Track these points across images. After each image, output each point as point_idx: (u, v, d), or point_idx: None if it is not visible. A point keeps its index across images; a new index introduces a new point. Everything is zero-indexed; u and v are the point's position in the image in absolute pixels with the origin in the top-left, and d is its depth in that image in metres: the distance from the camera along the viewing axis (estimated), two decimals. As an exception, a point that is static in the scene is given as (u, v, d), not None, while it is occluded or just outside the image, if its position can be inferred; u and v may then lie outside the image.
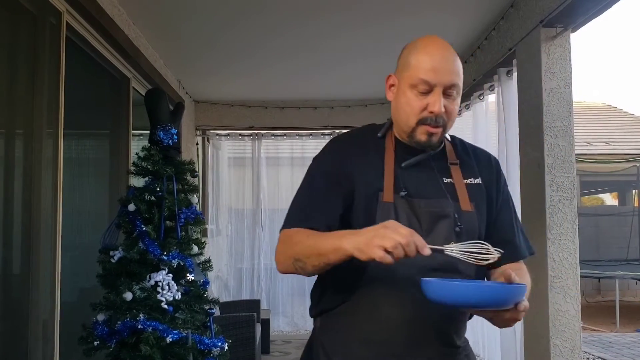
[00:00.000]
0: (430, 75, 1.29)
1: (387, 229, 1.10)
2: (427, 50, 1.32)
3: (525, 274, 1.39)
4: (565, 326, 2.94)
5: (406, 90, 1.33)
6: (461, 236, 1.29)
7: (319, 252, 1.21)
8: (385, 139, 1.41)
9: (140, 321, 2.36)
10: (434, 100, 1.29)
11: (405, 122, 1.34)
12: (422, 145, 1.34)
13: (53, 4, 2.63)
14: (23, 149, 2.50)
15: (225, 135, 6.56)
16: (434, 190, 1.34)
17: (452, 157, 1.41)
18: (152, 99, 2.79)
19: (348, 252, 1.13)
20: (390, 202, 1.29)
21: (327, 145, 1.45)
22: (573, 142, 3.02)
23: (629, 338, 7.10)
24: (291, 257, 1.28)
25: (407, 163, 1.35)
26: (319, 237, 1.23)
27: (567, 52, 3.04)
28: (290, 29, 3.97)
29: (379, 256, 1.07)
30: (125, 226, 2.57)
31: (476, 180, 1.39)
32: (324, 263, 1.21)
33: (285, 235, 1.33)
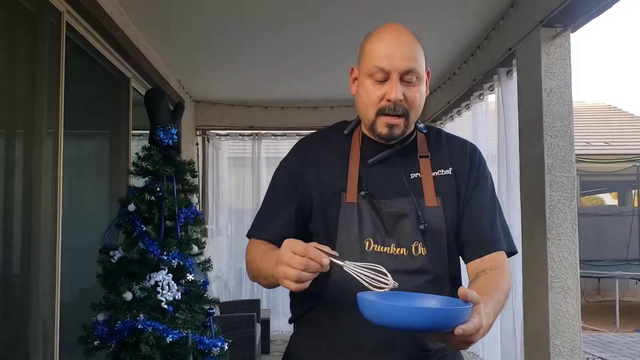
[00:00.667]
0: (384, 61, 1.23)
1: (280, 262, 1.06)
2: (381, 37, 1.27)
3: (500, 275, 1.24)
4: (565, 326, 2.94)
5: (364, 81, 1.28)
6: (426, 234, 1.24)
7: (264, 276, 1.22)
8: (353, 136, 1.36)
9: (140, 321, 2.36)
10: (390, 88, 1.24)
11: (365, 114, 1.30)
12: (384, 138, 1.29)
13: (53, 4, 2.63)
14: (23, 149, 2.50)
15: (225, 135, 6.56)
16: (397, 188, 1.28)
17: (422, 149, 1.34)
18: (152, 99, 2.79)
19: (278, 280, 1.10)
20: (353, 203, 1.26)
21: (292, 148, 1.42)
22: (573, 142, 3.02)
23: (628, 338, 7.10)
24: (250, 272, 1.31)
25: (372, 160, 1.31)
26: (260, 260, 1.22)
27: (567, 52, 3.04)
28: (290, 28, 3.97)
29: (295, 288, 1.05)
30: (125, 226, 2.57)
31: (446, 171, 1.32)
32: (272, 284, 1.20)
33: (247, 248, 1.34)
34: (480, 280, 1.24)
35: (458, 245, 1.31)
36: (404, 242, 1.24)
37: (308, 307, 1.30)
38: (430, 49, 5.23)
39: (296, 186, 1.32)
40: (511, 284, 1.28)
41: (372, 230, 1.24)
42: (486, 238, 1.30)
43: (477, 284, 1.23)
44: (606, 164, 10.81)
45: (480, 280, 1.23)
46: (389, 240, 1.24)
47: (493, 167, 4.28)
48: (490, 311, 1.08)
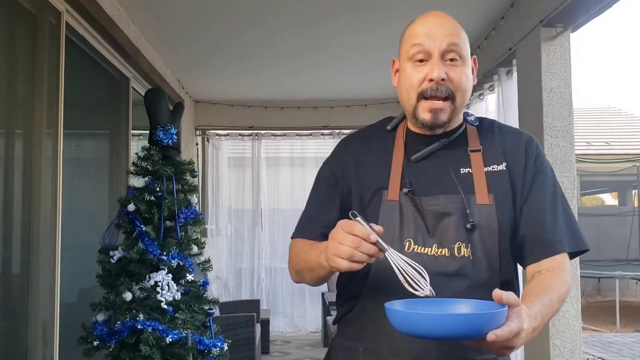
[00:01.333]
0: (424, 39, 1.18)
1: (333, 238, 1.01)
2: (421, 20, 1.23)
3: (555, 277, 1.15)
4: (565, 326, 2.94)
5: (405, 67, 1.21)
6: (474, 234, 1.15)
7: (309, 267, 1.16)
8: (397, 131, 1.29)
9: (140, 321, 2.36)
10: (432, 67, 1.17)
11: (407, 102, 1.22)
12: (428, 124, 1.20)
13: (52, 4, 2.63)
14: (23, 149, 2.50)
15: (225, 135, 6.56)
16: (442, 185, 1.20)
17: (473, 143, 1.25)
18: (151, 99, 2.79)
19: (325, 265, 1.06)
20: (394, 201, 1.19)
21: (336, 146, 1.38)
22: (573, 142, 3.02)
23: (629, 338, 7.10)
24: (294, 270, 1.26)
25: (417, 156, 1.23)
26: (307, 252, 1.18)
27: (567, 52, 3.04)
28: (290, 28, 3.96)
29: (345, 267, 1.00)
30: (125, 226, 2.57)
31: (499, 166, 1.22)
32: (316, 277, 1.17)
33: (290, 247, 1.31)
34: (533, 282, 1.16)
35: (515, 248, 1.21)
36: (446, 242, 1.16)
37: (348, 308, 1.26)
38: (430, 49, 5.14)
39: (337, 184, 1.28)
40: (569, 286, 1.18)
41: (413, 230, 1.17)
42: (546, 240, 1.19)
43: (529, 285, 1.15)
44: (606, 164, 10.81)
45: (533, 282, 1.16)
46: (430, 240, 1.17)
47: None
48: (536, 313, 1.00)
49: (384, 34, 3.98)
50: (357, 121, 6.17)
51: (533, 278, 1.17)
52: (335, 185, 1.28)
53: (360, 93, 5.92)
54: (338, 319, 1.31)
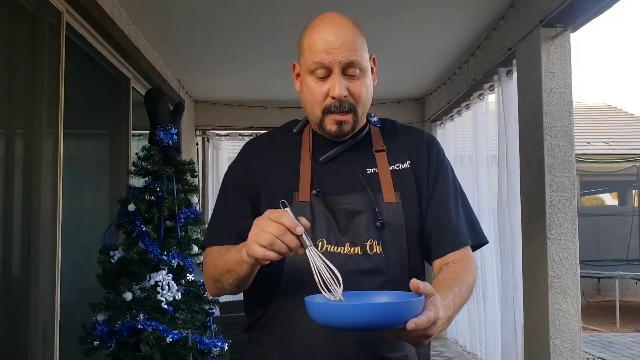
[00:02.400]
0: (322, 56, 1.17)
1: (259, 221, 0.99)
2: (319, 29, 1.21)
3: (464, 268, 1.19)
4: (565, 326, 2.94)
5: (306, 79, 1.22)
6: (384, 231, 1.18)
7: (227, 269, 1.12)
8: (303, 134, 1.29)
9: (140, 321, 2.36)
10: (333, 84, 1.18)
11: (312, 113, 1.23)
12: (333, 135, 1.23)
13: (53, 4, 2.63)
14: (23, 149, 2.50)
15: (225, 135, 6.56)
16: (352, 185, 1.21)
17: (377, 143, 1.28)
18: (151, 99, 2.79)
19: (247, 260, 1.03)
20: (306, 202, 1.19)
21: (241, 150, 1.35)
22: (573, 142, 3.02)
23: (629, 338, 7.10)
24: (211, 279, 1.21)
25: (324, 157, 1.24)
26: (225, 254, 1.14)
27: (567, 52, 3.04)
28: (291, 29, 3.96)
29: (259, 254, 0.97)
30: (125, 226, 2.57)
31: (403, 165, 1.25)
32: (235, 279, 1.12)
33: (205, 257, 1.26)
34: (442, 274, 1.19)
35: (421, 244, 1.25)
36: (359, 240, 1.17)
37: (259, 314, 1.23)
38: (431, 49, 5.23)
39: (246, 187, 1.26)
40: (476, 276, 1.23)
41: (325, 230, 1.18)
42: (452, 234, 1.23)
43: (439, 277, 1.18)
44: (606, 164, 10.81)
45: (442, 274, 1.19)
46: (343, 239, 1.18)
47: (493, 167, 4.30)
48: (449, 303, 1.03)
49: (384, 35, 3.99)
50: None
51: (441, 270, 1.21)
52: (244, 189, 1.26)
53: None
54: (248, 326, 1.28)
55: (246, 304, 1.29)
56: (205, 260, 1.25)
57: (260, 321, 1.23)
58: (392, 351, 1.19)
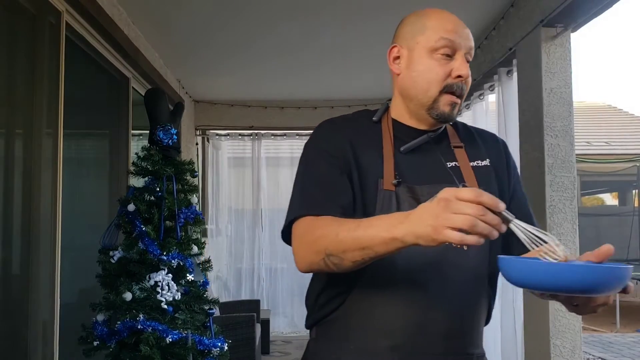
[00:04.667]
0: (453, 35, 1.18)
1: (449, 203, 0.89)
2: (441, 13, 1.22)
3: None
4: (565, 326, 2.94)
5: (423, 57, 1.19)
6: None
7: (361, 246, 1.01)
8: (382, 123, 1.28)
9: (140, 321, 2.36)
10: (460, 64, 1.18)
11: (426, 93, 1.19)
12: (444, 117, 1.20)
13: (52, 4, 2.63)
14: (23, 149, 2.50)
15: (225, 135, 6.56)
16: (439, 175, 1.20)
17: (454, 139, 1.27)
18: (151, 99, 2.79)
19: (406, 242, 0.95)
20: (391, 191, 1.16)
21: (320, 127, 1.28)
22: (573, 142, 3.02)
23: (629, 338, 7.10)
24: (320, 252, 1.06)
25: (406, 147, 1.22)
26: (357, 228, 1.02)
27: (567, 52, 3.04)
28: (290, 29, 3.96)
29: (457, 239, 0.88)
30: (125, 226, 2.57)
31: (483, 162, 1.25)
32: (368, 257, 1.02)
33: (303, 228, 1.13)
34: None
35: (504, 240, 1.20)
36: None
37: (336, 306, 1.19)
38: (431, 49, 5.12)
39: (339, 163, 1.19)
40: None
41: None
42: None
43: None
44: (606, 164, 10.82)
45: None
46: None
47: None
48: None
49: (384, 36, 3.98)
50: (357, 121, 6.18)
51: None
52: (339, 165, 1.19)
53: (360, 93, 5.92)
54: (316, 321, 1.24)
55: (315, 297, 1.24)
56: (306, 232, 1.12)
57: (335, 314, 1.19)
58: (474, 347, 1.19)
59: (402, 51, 1.24)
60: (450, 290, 1.14)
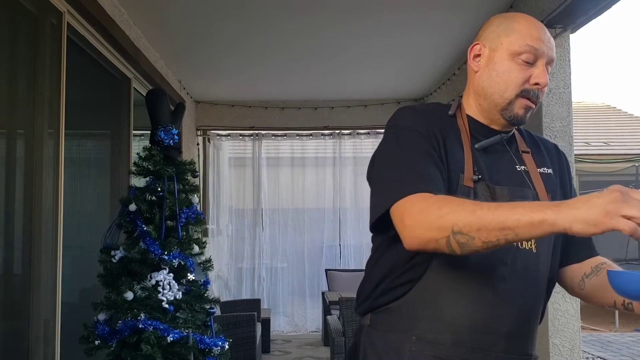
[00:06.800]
0: (538, 43, 1.19)
1: (624, 195, 0.89)
2: (529, 19, 1.25)
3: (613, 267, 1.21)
4: (564, 325, 2.95)
5: (505, 59, 1.20)
6: None
7: (502, 226, 0.96)
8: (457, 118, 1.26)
9: (141, 321, 2.37)
10: (540, 72, 1.19)
11: (502, 93, 1.20)
12: (516, 120, 1.21)
13: (54, 5, 2.64)
14: (24, 149, 2.51)
15: (225, 135, 6.57)
16: (514, 177, 1.21)
17: (522, 144, 1.29)
18: (153, 100, 2.80)
19: (557, 226, 0.91)
20: (470, 187, 1.16)
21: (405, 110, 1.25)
22: (572, 142, 3.03)
23: (628, 337, 7.11)
24: (446, 228, 1.00)
25: (480, 144, 1.22)
26: (497, 208, 0.99)
27: (566, 53, 3.05)
28: (290, 30, 3.97)
29: (630, 227, 0.87)
30: (126, 226, 2.58)
31: (549, 170, 1.28)
32: (505, 239, 0.97)
33: (419, 205, 1.06)
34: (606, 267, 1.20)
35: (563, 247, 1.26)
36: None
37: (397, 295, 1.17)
38: (430, 49, 5.22)
39: (435, 153, 1.17)
40: None
41: None
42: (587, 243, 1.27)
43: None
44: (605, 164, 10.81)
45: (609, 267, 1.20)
46: None
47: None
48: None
49: (385, 37, 4.00)
50: (357, 121, 6.19)
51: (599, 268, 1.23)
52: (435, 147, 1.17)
53: (360, 93, 5.94)
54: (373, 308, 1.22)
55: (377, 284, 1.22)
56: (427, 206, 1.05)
57: (396, 303, 1.18)
58: (533, 349, 1.20)
59: (484, 50, 1.25)
60: (517, 291, 1.15)
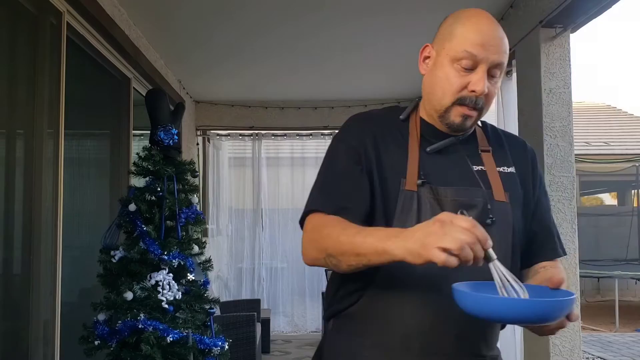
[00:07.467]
0: (477, 49, 1.14)
1: (444, 225, 0.92)
2: (476, 21, 1.17)
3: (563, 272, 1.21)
4: (564, 326, 2.95)
5: (446, 64, 1.17)
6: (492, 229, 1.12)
7: (357, 252, 1.04)
8: (409, 121, 1.26)
9: (141, 321, 2.37)
10: (478, 79, 1.14)
11: (440, 100, 1.19)
12: (454, 127, 1.20)
13: (54, 5, 2.64)
14: (24, 149, 2.51)
15: (225, 135, 6.57)
16: (464, 178, 1.19)
17: (483, 143, 1.27)
18: (152, 100, 2.80)
19: (396, 256, 0.97)
20: (413, 191, 1.15)
21: (348, 122, 1.28)
22: (572, 142, 3.03)
23: (628, 338, 7.11)
24: (323, 251, 1.10)
25: (432, 147, 1.21)
26: (356, 235, 1.04)
27: (566, 53, 3.05)
28: (290, 30, 3.97)
29: (441, 260, 0.90)
30: (126, 226, 2.58)
31: (509, 169, 1.25)
32: (362, 264, 1.05)
33: (313, 224, 1.15)
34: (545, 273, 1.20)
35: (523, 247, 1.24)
36: None
37: (354, 300, 1.19)
38: (430, 50, 5.11)
39: (361, 161, 1.18)
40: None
41: None
42: (552, 245, 1.28)
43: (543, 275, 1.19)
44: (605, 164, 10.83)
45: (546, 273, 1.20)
46: None
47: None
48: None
49: (385, 37, 3.99)
50: (357, 121, 6.18)
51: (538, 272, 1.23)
52: (360, 162, 1.19)
53: (360, 93, 5.93)
54: (336, 313, 1.24)
55: (335, 290, 1.25)
56: (316, 230, 1.14)
57: (352, 308, 1.20)
58: (489, 349, 1.20)
59: (432, 52, 1.23)
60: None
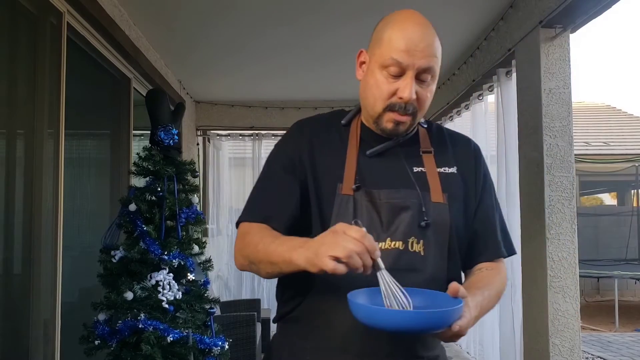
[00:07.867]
0: (403, 55, 1.14)
1: (336, 235, 0.97)
2: (403, 27, 1.18)
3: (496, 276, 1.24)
4: (564, 326, 2.95)
5: (375, 71, 1.19)
6: (427, 231, 1.16)
7: (270, 261, 1.09)
8: (351, 125, 1.28)
9: (141, 321, 2.37)
10: (405, 85, 1.15)
11: (372, 107, 1.21)
12: (387, 132, 1.22)
13: (54, 5, 2.64)
14: (24, 149, 2.51)
15: (225, 135, 6.58)
16: (400, 180, 1.20)
17: (425, 144, 1.28)
18: (153, 100, 2.80)
19: (300, 266, 1.01)
20: (349, 195, 1.17)
21: (290, 128, 1.31)
22: (572, 142, 3.03)
23: (627, 337, 7.11)
24: (245, 258, 1.16)
25: (372, 151, 1.23)
26: (271, 244, 1.09)
27: (566, 53, 3.05)
28: (290, 29, 3.97)
29: (330, 268, 0.94)
30: (126, 226, 2.58)
31: (451, 169, 1.26)
32: (276, 272, 1.11)
33: (241, 232, 1.20)
34: (474, 277, 1.23)
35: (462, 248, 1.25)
36: (400, 236, 1.16)
37: (296, 304, 1.22)
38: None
39: (294, 168, 1.22)
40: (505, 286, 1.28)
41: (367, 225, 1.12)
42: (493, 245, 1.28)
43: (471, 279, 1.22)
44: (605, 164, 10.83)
45: (475, 277, 1.23)
46: (383, 235, 1.16)
47: (492, 167, 4.30)
48: (477, 303, 1.08)
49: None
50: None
51: (474, 274, 1.25)
52: (294, 171, 1.22)
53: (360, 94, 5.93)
54: (281, 317, 1.27)
55: (281, 294, 1.28)
56: (241, 236, 1.19)
57: (294, 312, 1.22)
58: (426, 350, 1.20)
59: (367, 58, 1.25)
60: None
